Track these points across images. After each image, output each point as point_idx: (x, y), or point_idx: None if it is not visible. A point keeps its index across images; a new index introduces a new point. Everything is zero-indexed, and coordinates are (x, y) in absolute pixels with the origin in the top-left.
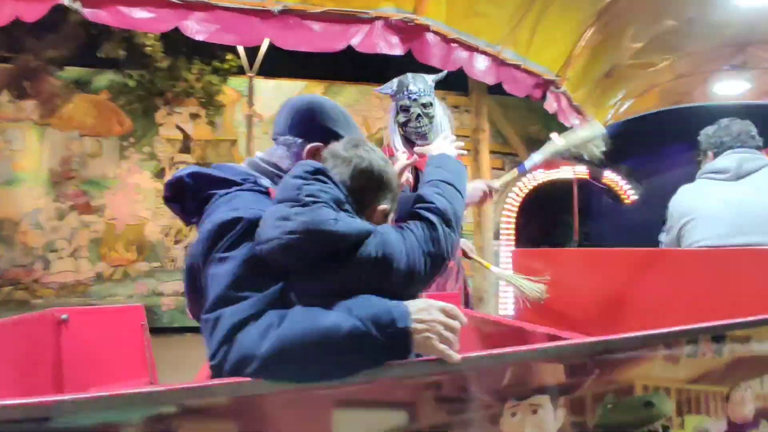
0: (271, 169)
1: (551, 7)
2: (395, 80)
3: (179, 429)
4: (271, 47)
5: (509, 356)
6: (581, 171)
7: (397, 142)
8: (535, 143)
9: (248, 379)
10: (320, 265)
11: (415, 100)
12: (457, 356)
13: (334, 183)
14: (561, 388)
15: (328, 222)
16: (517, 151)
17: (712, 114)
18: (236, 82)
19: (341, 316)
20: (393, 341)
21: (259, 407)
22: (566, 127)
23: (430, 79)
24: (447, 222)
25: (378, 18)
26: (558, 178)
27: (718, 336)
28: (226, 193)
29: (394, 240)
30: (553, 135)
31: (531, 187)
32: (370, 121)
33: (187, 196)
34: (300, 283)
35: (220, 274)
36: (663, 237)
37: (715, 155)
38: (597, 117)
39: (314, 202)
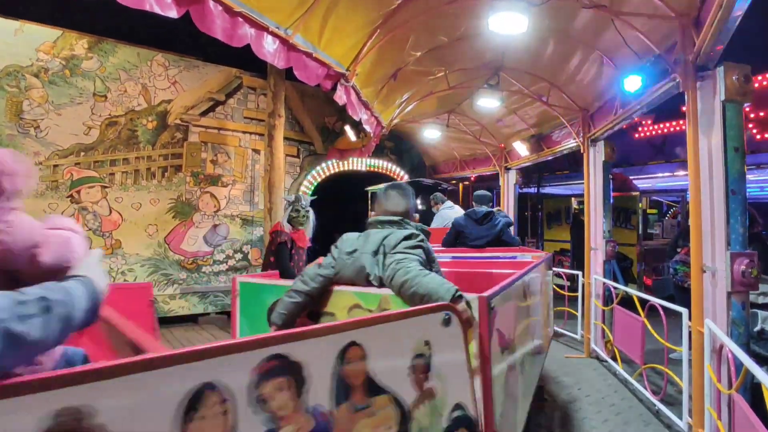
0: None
1: (341, 1)
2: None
3: None
4: None
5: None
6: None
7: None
8: (330, 133)
9: None
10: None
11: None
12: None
13: None
14: None
15: None
16: (313, 139)
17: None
18: None
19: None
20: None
21: None
22: (356, 121)
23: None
24: None
25: None
26: (352, 170)
27: None
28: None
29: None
30: (347, 128)
31: (324, 177)
32: (150, 90)
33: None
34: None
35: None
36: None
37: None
38: (384, 114)
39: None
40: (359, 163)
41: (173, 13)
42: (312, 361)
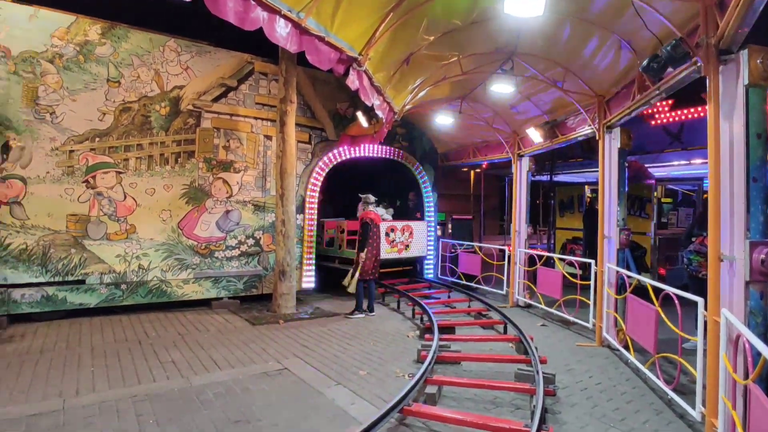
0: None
1: None
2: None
3: None
4: None
5: None
6: None
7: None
8: (342, 119)
9: None
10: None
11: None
12: None
13: None
14: None
15: None
16: (324, 126)
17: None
18: None
19: None
20: None
21: None
22: (368, 106)
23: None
24: None
25: None
26: (366, 156)
27: None
28: None
29: None
30: (359, 114)
31: (335, 164)
32: (163, 76)
33: None
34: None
35: None
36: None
37: None
38: (396, 100)
39: None
40: (372, 150)
41: None
42: None
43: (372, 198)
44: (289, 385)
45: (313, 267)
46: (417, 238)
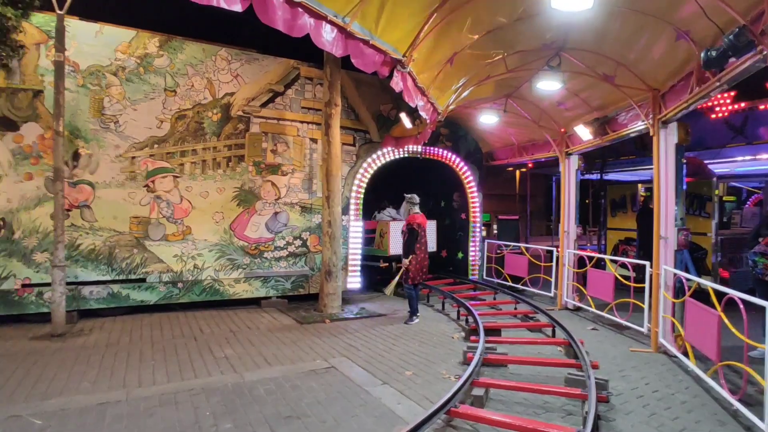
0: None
1: None
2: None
3: None
4: None
5: None
6: None
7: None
8: (386, 121)
9: None
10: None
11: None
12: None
13: None
14: None
15: None
16: (368, 128)
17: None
18: (41, 20)
19: None
20: None
21: None
22: (412, 108)
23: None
24: None
25: None
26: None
27: None
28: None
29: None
30: (402, 115)
31: (379, 165)
32: (215, 84)
33: None
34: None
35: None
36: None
37: None
38: (440, 100)
39: None
40: (415, 150)
41: (238, 7)
42: None
43: (416, 198)
44: (336, 383)
45: (359, 267)
46: (428, 236)
